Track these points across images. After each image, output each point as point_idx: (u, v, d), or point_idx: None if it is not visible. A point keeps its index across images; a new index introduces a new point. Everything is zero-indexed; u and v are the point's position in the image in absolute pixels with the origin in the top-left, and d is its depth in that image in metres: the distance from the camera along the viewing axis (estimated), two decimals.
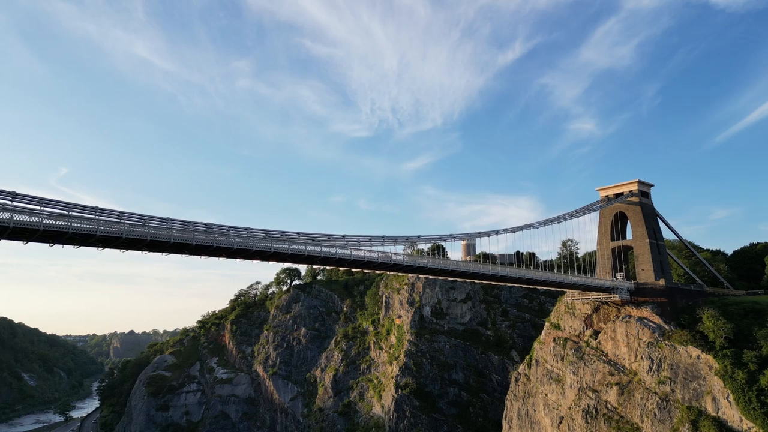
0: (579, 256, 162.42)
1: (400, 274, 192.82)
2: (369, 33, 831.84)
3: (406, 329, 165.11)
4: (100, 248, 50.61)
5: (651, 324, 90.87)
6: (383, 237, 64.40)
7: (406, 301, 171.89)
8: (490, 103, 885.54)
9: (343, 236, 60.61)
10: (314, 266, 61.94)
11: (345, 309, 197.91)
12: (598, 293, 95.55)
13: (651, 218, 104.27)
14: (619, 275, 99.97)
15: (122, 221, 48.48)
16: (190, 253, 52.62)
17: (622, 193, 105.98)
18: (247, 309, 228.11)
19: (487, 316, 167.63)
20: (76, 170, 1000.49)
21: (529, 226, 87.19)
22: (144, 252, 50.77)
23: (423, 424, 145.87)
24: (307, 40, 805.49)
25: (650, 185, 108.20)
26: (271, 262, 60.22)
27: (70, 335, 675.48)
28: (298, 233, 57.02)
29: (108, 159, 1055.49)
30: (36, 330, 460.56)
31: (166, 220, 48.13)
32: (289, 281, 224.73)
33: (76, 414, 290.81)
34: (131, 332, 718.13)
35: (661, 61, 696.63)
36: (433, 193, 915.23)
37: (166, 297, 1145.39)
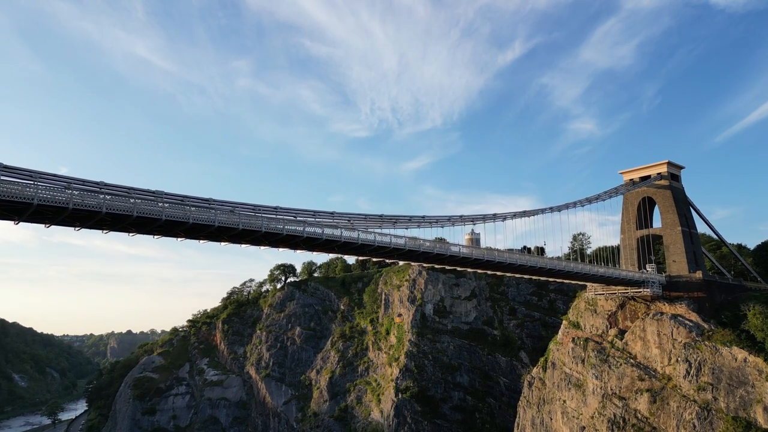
0: (588, 253, 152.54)
1: (401, 266, 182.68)
2: (368, 33, 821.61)
3: (406, 329, 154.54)
4: (131, 234, 43.14)
5: (687, 322, 79.80)
6: (381, 216, 53.41)
7: (406, 299, 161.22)
8: (489, 103, 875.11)
9: (332, 213, 49.68)
10: (297, 251, 50.78)
11: (342, 307, 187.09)
12: (625, 287, 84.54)
13: (682, 204, 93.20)
14: (649, 267, 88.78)
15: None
16: (138, 231, 41.68)
17: (649, 176, 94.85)
18: (240, 307, 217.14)
19: (493, 314, 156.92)
20: (76, 170, 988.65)
21: (550, 209, 76.43)
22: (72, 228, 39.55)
23: (425, 430, 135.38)
24: (307, 39, 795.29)
25: (680, 167, 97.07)
26: (244, 246, 49.27)
27: (67, 335, 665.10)
28: (275, 208, 46.07)
29: (107, 158, 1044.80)
30: (30, 330, 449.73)
31: (68, 180, 36.89)
32: (283, 278, 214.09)
33: (68, 416, 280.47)
34: (129, 332, 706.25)
35: (661, 61, 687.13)
36: (433, 193, 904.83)
37: (166, 297, 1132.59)
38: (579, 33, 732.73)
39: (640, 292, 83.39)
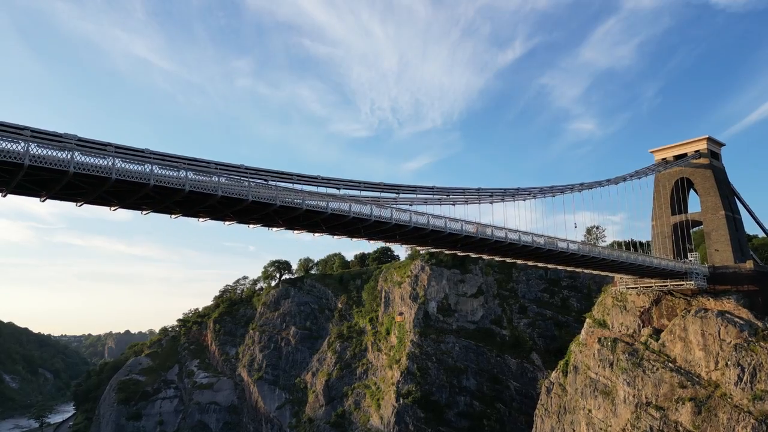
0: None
1: (402, 261, 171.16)
2: (368, 33, 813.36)
3: (408, 328, 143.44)
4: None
5: (737, 320, 68.51)
6: (380, 185, 42.04)
7: (408, 296, 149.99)
8: (490, 103, 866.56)
9: (316, 177, 38.01)
10: (274, 229, 39.41)
11: (339, 306, 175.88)
12: (663, 280, 73.28)
13: (725, 185, 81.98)
14: (691, 256, 77.45)
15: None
16: (61, 195, 30.57)
17: (685, 154, 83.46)
18: (233, 306, 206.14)
19: (502, 313, 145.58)
20: None
21: (580, 185, 65.24)
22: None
23: None
24: (307, 39, 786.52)
25: (721, 144, 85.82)
26: (202, 220, 38.01)
27: (65, 335, 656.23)
28: (239, 166, 34.35)
29: None
30: (26, 330, 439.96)
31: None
32: (278, 275, 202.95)
33: (60, 417, 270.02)
34: (127, 332, 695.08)
35: (662, 61, 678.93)
36: None
37: (166, 297, 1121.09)
38: (579, 33, 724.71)
39: (682, 285, 71.96)
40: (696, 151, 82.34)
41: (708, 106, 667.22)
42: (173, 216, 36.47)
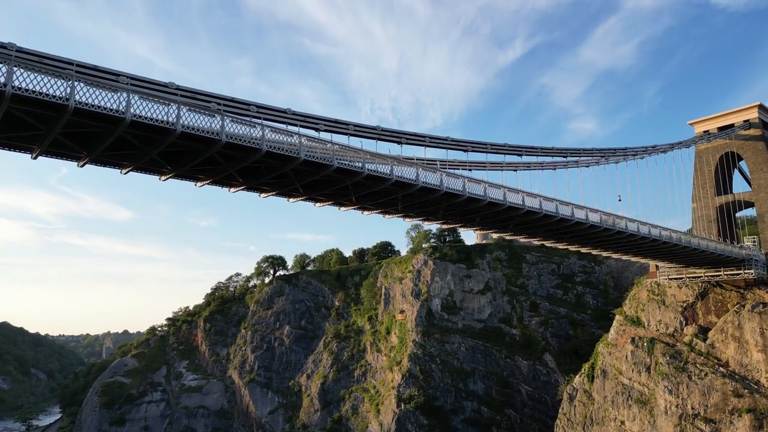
0: None
1: (404, 256, 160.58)
2: (368, 32, 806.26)
3: (410, 327, 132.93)
4: (163, 178, 31.60)
5: None
6: (376, 129, 31.18)
7: (410, 293, 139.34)
8: (490, 103, 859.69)
9: (285, 111, 27.14)
10: (232, 189, 28.71)
11: (337, 303, 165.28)
12: (714, 270, 62.16)
13: None
14: (748, 240, 66.34)
15: None
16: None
17: (731, 125, 72.42)
18: (224, 304, 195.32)
19: (511, 310, 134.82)
20: (76, 170, 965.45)
21: (624, 149, 54.30)
22: None
23: None
24: (307, 39, 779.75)
25: None
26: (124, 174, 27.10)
27: (63, 335, 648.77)
28: (167, 84, 23.42)
29: None
30: (21, 329, 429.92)
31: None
32: (271, 271, 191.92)
33: (50, 419, 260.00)
34: (125, 332, 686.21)
35: (662, 60, 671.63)
36: None
37: (166, 297, 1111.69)
38: (580, 32, 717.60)
39: (739, 274, 60.77)
40: (745, 121, 71.24)
41: (709, 106, 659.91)
42: (80, 164, 25.52)
